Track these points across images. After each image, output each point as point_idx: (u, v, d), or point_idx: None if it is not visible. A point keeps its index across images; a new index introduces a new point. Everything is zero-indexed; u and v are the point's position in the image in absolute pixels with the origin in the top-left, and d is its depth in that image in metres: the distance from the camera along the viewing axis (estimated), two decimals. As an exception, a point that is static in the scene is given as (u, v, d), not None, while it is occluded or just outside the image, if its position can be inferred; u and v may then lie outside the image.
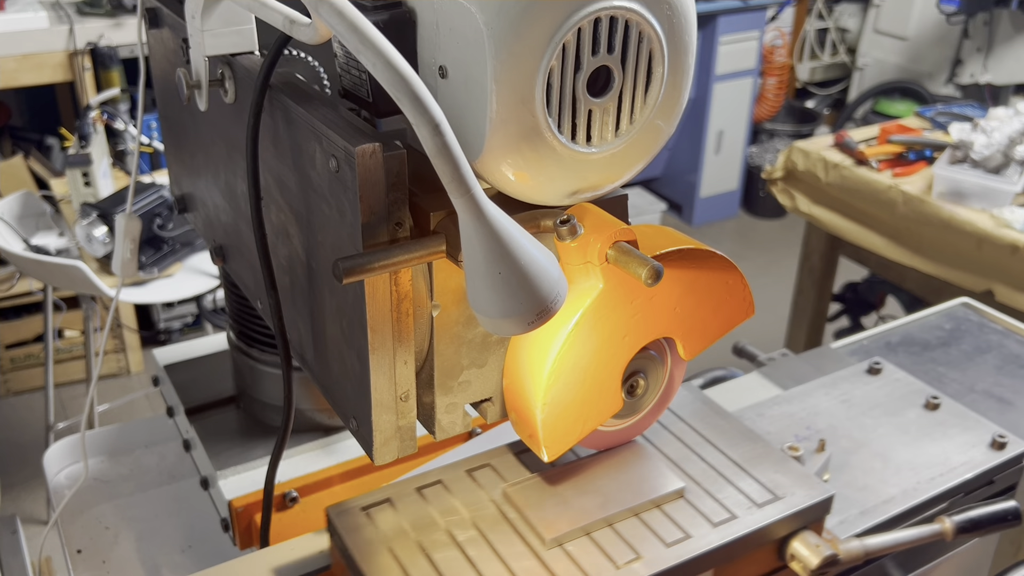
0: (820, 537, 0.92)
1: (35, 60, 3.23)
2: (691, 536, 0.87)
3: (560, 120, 0.69)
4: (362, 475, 1.17)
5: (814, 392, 1.25)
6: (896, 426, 1.17)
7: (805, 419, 1.19)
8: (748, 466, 0.96)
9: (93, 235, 2.25)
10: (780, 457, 0.98)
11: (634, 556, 0.84)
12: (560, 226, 0.73)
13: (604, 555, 0.85)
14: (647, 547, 0.85)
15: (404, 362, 0.76)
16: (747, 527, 0.88)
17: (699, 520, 0.89)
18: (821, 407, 1.21)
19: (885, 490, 1.07)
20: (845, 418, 1.19)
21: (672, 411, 1.03)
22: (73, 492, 1.32)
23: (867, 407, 1.21)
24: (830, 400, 1.23)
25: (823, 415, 1.20)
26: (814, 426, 1.17)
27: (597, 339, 0.78)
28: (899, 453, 1.13)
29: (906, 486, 1.07)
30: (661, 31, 0.69)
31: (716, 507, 0.90)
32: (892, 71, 4.95)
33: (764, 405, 1.21)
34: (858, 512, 1.04)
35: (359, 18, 0.57)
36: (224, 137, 0.94)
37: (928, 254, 2.46)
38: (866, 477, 1.09)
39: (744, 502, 0.91)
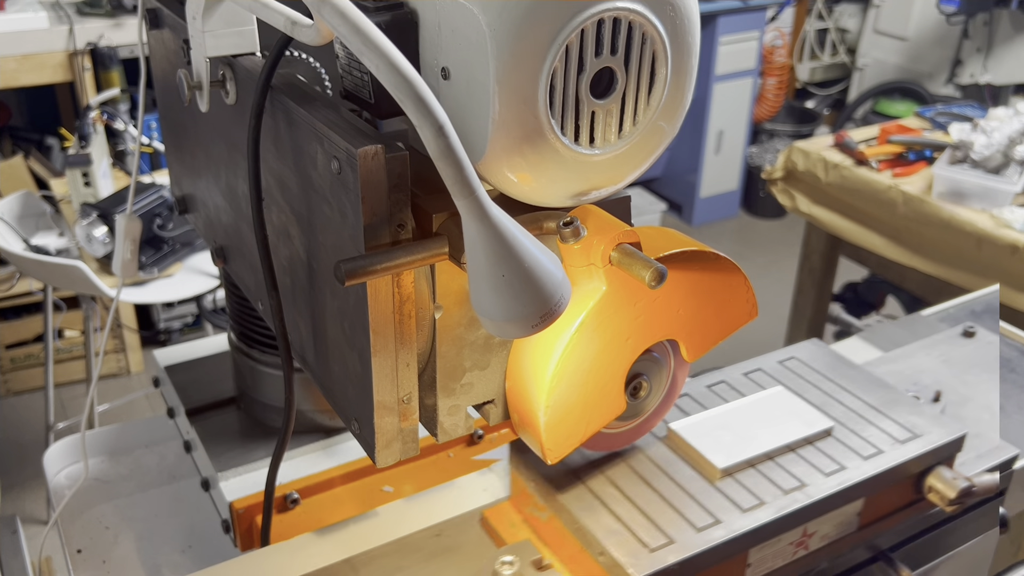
0: (954, 471, 1.01)
1: (35, 60, 3.23)
2: (845, 468, 0.96)
3: (563, 122, 0.68)
4: (364, 477, 1.16)
5: (915, 353, 1.33)
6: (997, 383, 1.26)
7: (912, 376, 1.27)
8: (884, 409, 1.05)
9: (93, 235, 2.25)
10: (911, 401, 1.07)
11: (798, 484, 0.93)
12: (563, 228, 0.73)
13: (770, 482, 0.94)
14: (808, 476, 0.94)
15: (406, 364, 0.75)
16: (893, 460, 0.97)
17: (850, 454, 0.98)
18: (924, 366, 1.30)
19: (996, 438, 1.14)
20: (949, 375, 1.27)
21: (805, 363, 1.14)
22: (73, 492, 1.32)
23: (967, 366, 1.30)
24: (932, 360, 1.31)
25: (928, 373, 1.28)
26: (921, 382, 1.26)
27: (600, 341, 0.78)
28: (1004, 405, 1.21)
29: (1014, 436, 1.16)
30: (664, 32, 0.69)
31: (863, 443, 0.99)
32: (892, 71, 4.95)
33: (871, 365, 1.29)
34: (975, 456, 1.10)
35: (362, 20, 0.57)
36: (225, 138, 0.94)
37: (928, 254, 2.46)
38: (977, 426, 1.16)
39: (887, 439, 1.00)
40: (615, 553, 0.85)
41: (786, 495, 0.92)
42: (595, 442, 0.90)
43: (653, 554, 0.85)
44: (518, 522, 0.98)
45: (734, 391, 1.09)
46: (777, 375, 1.12)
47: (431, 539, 0.98)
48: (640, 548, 0.86)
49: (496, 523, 0.98)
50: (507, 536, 0.97)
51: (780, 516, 0.90)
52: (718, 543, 0.86)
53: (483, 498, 1.06)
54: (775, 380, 1.11)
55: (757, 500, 0.91)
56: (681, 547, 0.86)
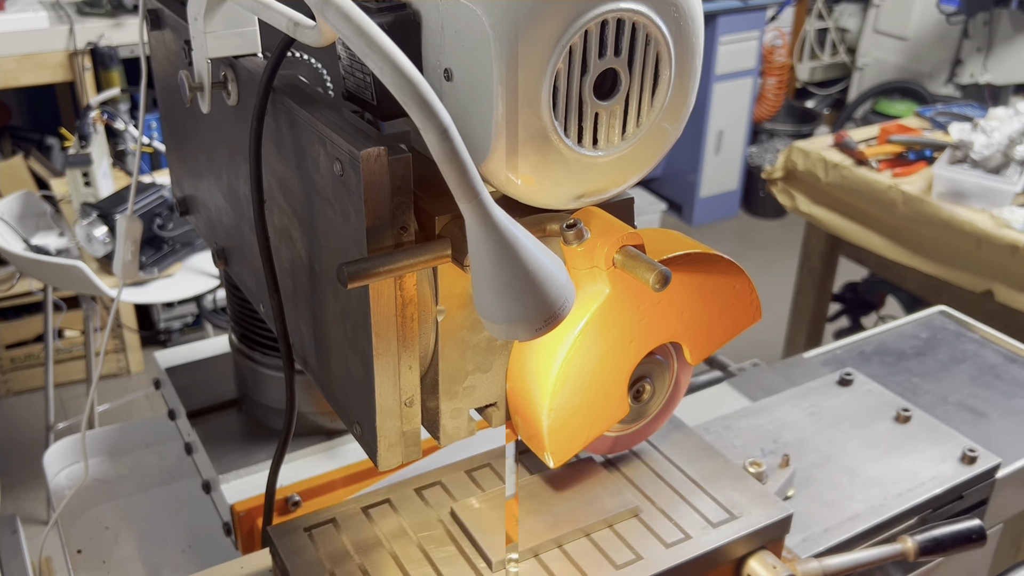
0: (778, 558, 0.90)
1: (35, 60, 3.22)
2: (643, 558, 0.86)
3: (566, 123, 0.68)
4: (365, 479, 1.16)
5: (783, 404, 1.23)
6: (865, 439, 1.15)
7: (772, 432, 1.17)
8: (705, 483, 0.94)
9: (93, 235, 2.25)
10: (739, 474, 0.96)
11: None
12: (566, 230, 0.73)
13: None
14: (597, 569, 0.84)
15: (409, 367, 0.75)
16: (701, 548, 0.86)
17: (652, 540, 0.88)
18: (789, 419, 1.19)
19: (851, 506, 1.05)
20: (813, 431, 1.17)
21: None
22: (73, 492, 1.32)
23: (836, 419, 1.19)
24: (799, 412, 1.21)
25: (791, 427, 1.18)
26: (781, 439, 1.16)
27: (603, 344, 0.78)
28: (867, 468, 1.11)
29: (873, 502, 1.06)
30: (668, 33, 0.69)
31: (670, 527, 0.89)
32: (892, 71, 4.95)
33: (732, 417, 1.20)
34: (822, 529, 1.02)
35: (366, 21, 0.57)
36: (227, 139, 0.93)
37: (928, 254, 2.46)
38: (832, 492, 1.07)
39: (700, 521, 0.90)
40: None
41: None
42: (598, 445, 0.89)
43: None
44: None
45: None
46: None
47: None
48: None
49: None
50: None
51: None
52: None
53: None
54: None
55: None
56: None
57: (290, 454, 1.17)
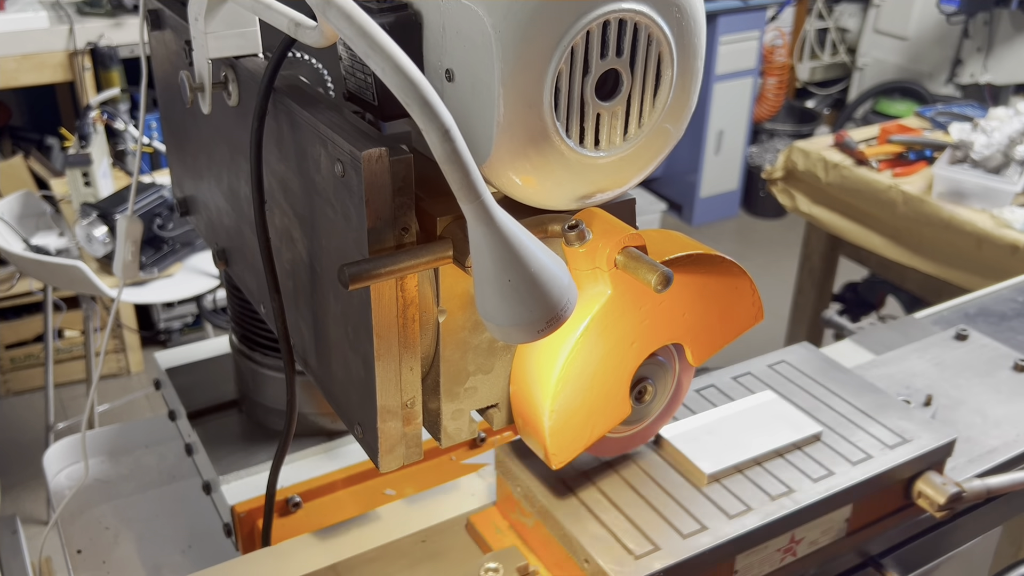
0: (944, 476, 0.99)
1: (35, 60, 3.22)
2: (834, 473, 0.94)
3: (568, 124, 0.68)
4: (366, 480, 1.16)
5: (908, 356, 1.31)
6: (989, 386, 1.23)
7: (904, 380, 1.25)
8: (874, 413, 1.03)
9: (93, 235, 2.25)
10: (901, 405, 1.05)
11: (785, 490, 0.92)
12: (568, 231, 0.72)
13: (758, 488, 0.92)
14: (796, 482, 0.93)
15: (410, 368, 0.75)
16: (882, 465, 0.95)
17: (839, 459, 0.96)
18: (917, 369, 1.28)
19: (987, 442, 1.13)
20: (941, 379, 1.25)
21: (795, 367, 1.13)
22: (73, 492, 1.32)
23: (959, 369, 1.27)
24: (924, 363, 1.29)
25: (920, 376, 1.26)
26: (913, 385, 1.24)
27: (605, 345, 0.78)
28: (995, 410, 1.19)
29: (1007, 438, 1.13)
30: (670, 34, 0.69)
31: (852, 448, 0.98)
32: (892, 71, 4.95)
33: (863, 368, 1.27)
34: (966, 460, 1.09)
35: (368, 22, 0.57)
36: (227, 140, 0.93)
37: (928, 254, 2.46)
38: (968, 430, 1.15)
39: (876, 444, 0.99)
40: (600, 560, 0.84)
41: (773, 501, 0.90)
42: (600, 446, 0.89)
43: (638, 561, 0.84)
44: (504, 528, 0.97)
45: (723, 395, 1.07)
46: (767, 379, 1.10)
47: (416, 545, 0.97)
48: (625, 555, 0.84)
49: (482, 529, 0.97)
50: (492, 542, 0.96)
51: (767, 522, 0.88)
52: (704, 550, 0.85)
53: (470, 503, 1.05)
54: (764, 384, 1.09)
55: (744, 506, 0.89)
56: (667, 554, 0.84)
57: (291, 455, 1.17)
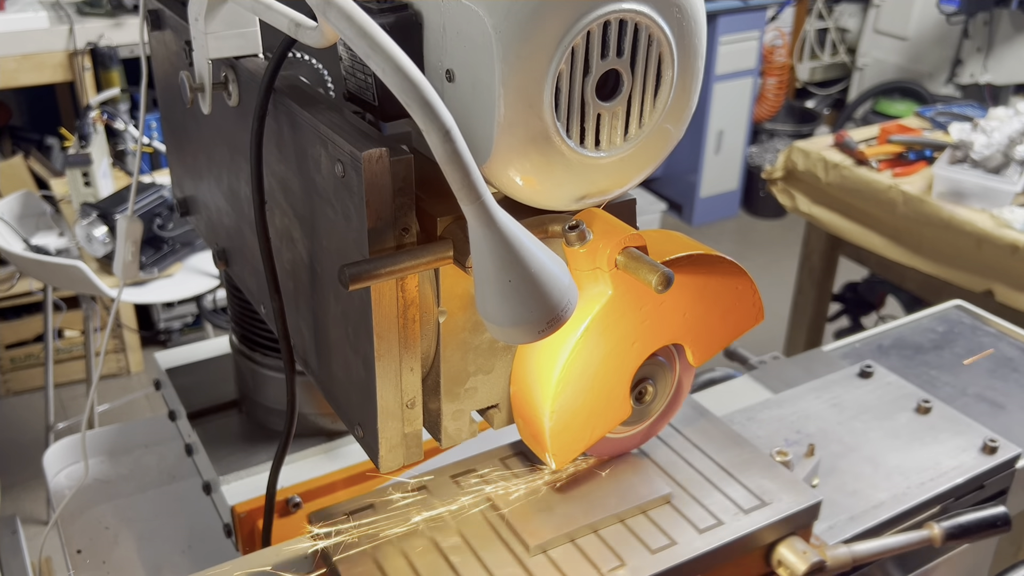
0: (807, 543, 0.92)
1: (35, 60, 3.22)
2: (677, 542, 0.86)
3: (568, 124, 0.68)
4: (366, 480, 1.16)
5: (805, 396, 1.24)
6: (887, 430, 1.16)
7: (795, 423, 1.18)
8: (736, 471, 0.96)
9: (93, 235, 2.25)
10: (768, 462, 0.97)
11: (618, 563, 0.84)
12: (569, 232, 0.72)
13: (588, 562, 0.84)
14: (632, 554, 0.85)
15: (410, 369, 0.75)
16: (733, 533, 0.88)
17: (685, 526, 0.88)
18: (811, 411, 1.21)
19: (875, 495, 1.06)
20: (836, 422, 1.18)
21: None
22: (73, 492, 1.32)
23: (858, 411, 1.20)
24: (821, 404, 1.22)
25: (813, 419, 1.19)
26: (804, 430, 1.17)
27: (606, 346, 0.78)
28: (889, 457, 1.12)
29: (896, 491, 1.07)
30: (671, 34, 0.69)
31: (703, 513, 0.90)
32: (892, 71, 4.95)
33: (754, 409, 1.21)
34: (847, 517, 1.03)
35: (368, 22, 0.57)
36: (227, 140, 0.93)
37: (928, 254, 2.46)
38: (856, 482, 1.08)
39: (731, 508, 0.91)
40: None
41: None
42: (600, 447, 0.89)
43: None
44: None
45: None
46: None
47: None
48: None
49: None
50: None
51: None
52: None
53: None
54: None
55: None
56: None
57: (291, 455, 1.17)
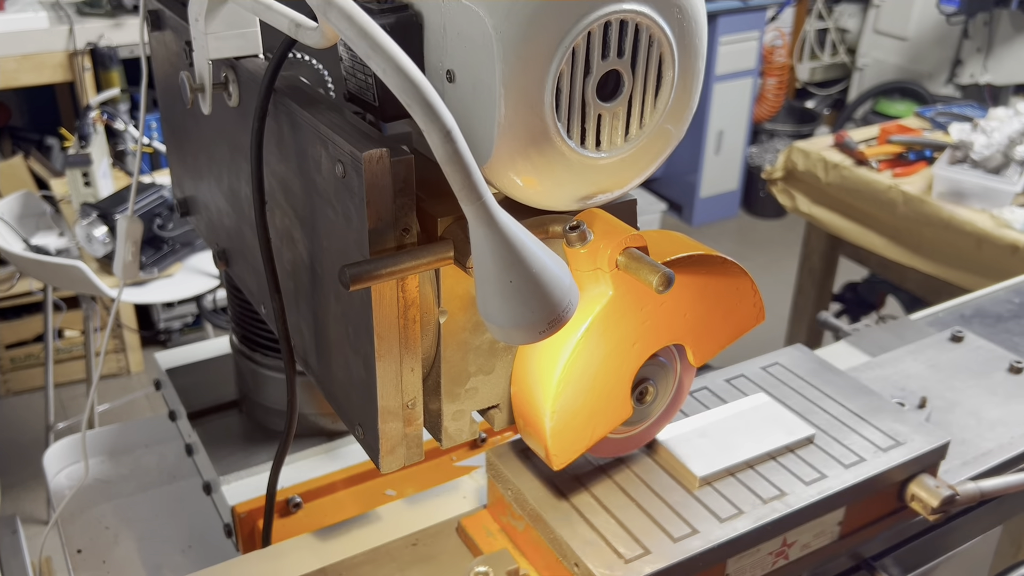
0: (937, 479, 0.99)
1: (35, 60, 3.22)
2: (826, 476, 0.94)
3: (569, 125, 0.68)
4: (366, 480, 1.16)
5: (903, 358, 1.30)
6: (984, 388, 1.23)
7: (899, 382, 1.25)
8: (867, 416, 1.03)
9: (93, 235, 2.25)
10: (895, 408, 1.04)
11: (777, 493, 0.91)
12: (569, 232, 0.72)
13: (750, 491, 0.92)
14: (788, 485, 0.92)
15: (411, 369, 0.75)
16: (875, 469, 0.95)
17: (831, 463, 0.96)
18: (911, 371, 1.27)
19: (982, 444, 1.12)
20: (936, 380, 1.25)
21: (788, 368, 1.12)
22: (73, 492, 1.32)
23: (955, 371, 1.27)
24: (919, 365, 1.28)
25: (914, 378, 1.25)
26: (908, 388, 1.23)
27: (606, 346, 0.78)
28: (990, 412, 1.18)
29: (1001, 441, 1.13)
30: (671, 35, 0.69)
31: (845, 451, 0.98)
32: (892, 71, 4.95)
33: (857, 370, 1.27)
34: (960, 463, 1.09)
35: (369, 23, 0.57)
36: (228, 140, 0.93)
37: (928, 254, 2.46)
38: (963, 432, 1.14)
39: (869, 447, 0.98)
40: (590, 564, 0.83)
41: (765, 504, 0.90)
42: (601, 447, 0.89)
43: (629, 565, 0.83)
44: (495, 531, 0.96)
45: (716, 398, 1.06)
46: (760, 381, 1.09)
47: (407, 548, 0.97)
48: (616, 559, 0.84)
49: (472, 532, 0.96)
50: (483, 546, 0.95)
51: (759, 525, 0.88)
52: (695, 553, 0.84)
53: (461, 506, 1.05)
54: (758, 387, 1.08)
55: (736, 509, 0.89)
56: (657, 557, 0.84)
57: (291, 455, 1.17)
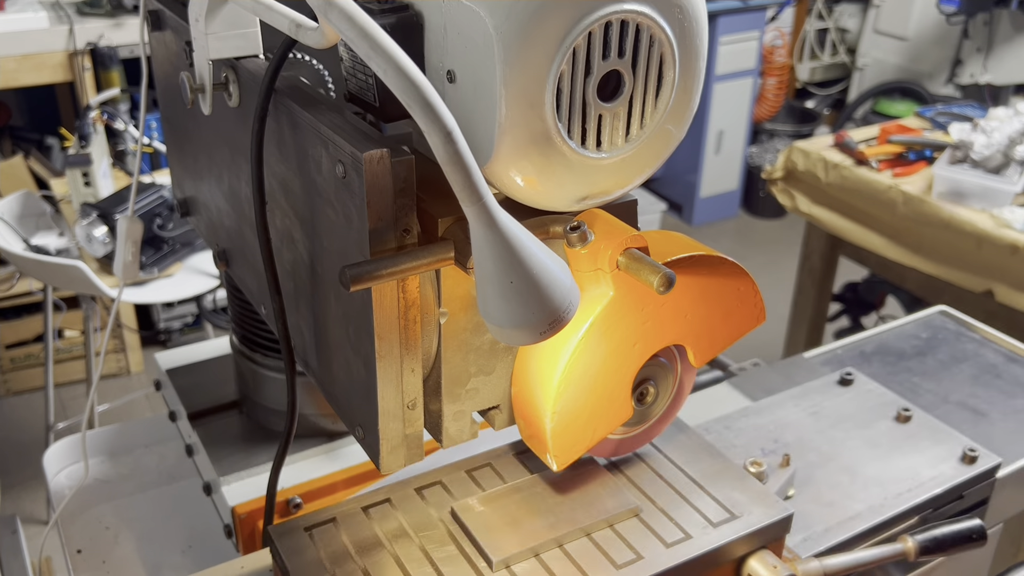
0: (779, 557, 0.90)
1: (35, 60, 3.22)
2: (643, 557, 0.85)
3: (570, 125, 0.68)
4: (366, 481, 1.16)
5: (784, 403, 1.23)
6: (865, 439, 1.16)
7: (773, 432, 1.17)
8: (706, 483, 0.94)
9: (93, 235, 2.24)
10: (739, 474, 0.96)
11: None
12: (570, 232, 0.72)
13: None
14: (598, 569, 0.84)
15: (411, 370, 0.75)
16: (702, 547, 0.86)
17: (652, 540, 0.87)
18: (790, 419, 1.20)
19: (852, 506, 1.05)
20: (814, 431, 1.17)
21: None
22: (73, 492, 1.32)
23: (837, 419, 1.19)
24: (799, 412, 1.21)
25: (791, 427, 1.18)
26: (782, 439, 1.16)
27: (607, 347, 0.78)
28: (867, 467, 1.11)
29: (873, 502, 1.06)
30: (672, 35, 0.69)
31: (671, 526, 0.89)
32: (892, 71, 4.95)
33: (732, 417, 1.20)
34: (823, 529, 1.02)
35: (369, 23, 0.57)
36: (228, 141, 0.93)
37: (928, 254, 2.46)
38: (832, 492, 1.07)
39: (700, 521, 0.89)
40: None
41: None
42: (601, 448, 0.89)
43: None
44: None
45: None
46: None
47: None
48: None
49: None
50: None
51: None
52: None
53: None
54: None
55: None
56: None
57: (291, 456, 1.17)
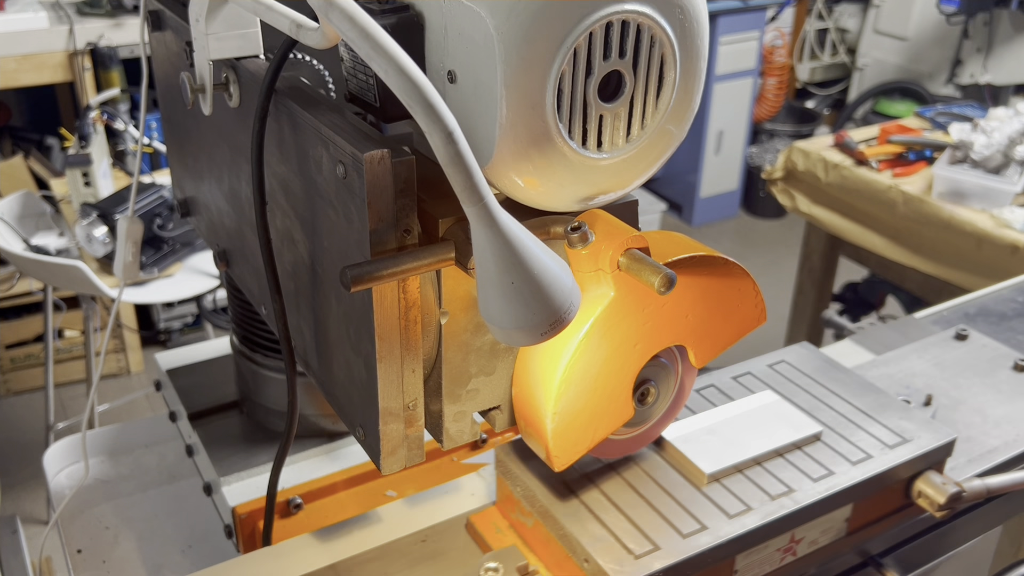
0: (944, 476, 1.00)
1: (35, 60, 3.22)
2: (833, 472, 0.95)
3: (571, 126, 0.68)
4: (367, 481, 1.16)
5: (908, 356, 1.31)
6: (988, 385, 1.23)
7: (903, 380, 1.25)
8: (874, 413, 1.04)
9: (93, 235, 2.25)
10: (901, 405, 1.05)
11: (785, 490, 0.92)
12: (571, 233, 0.72)
13: (758, 487, 0.92)
14: (796, 482, 0.93)
15: (412, 370, 0.75)
16: (882, 465, 0.96)
17: (839, 459, 0.97)
18: (916, 369, 1.28)
19: (987, 441, 1.13)
20: (941, 378, 1.25)
21: (795, 366, 1.13)
22: (73, 492, 1.32)
23: (959, 369, 1.27)
24: (923, 363, 1.29)
25: (919, 376, 1.26)
26: (912, 385, 1.24)
27: (608, 347, 0.77)
28: (995, 409, 1.19)
29: (1006, 438, 1.13)
30: (673, 35, 0.69)
31: (852, 448, 0.98)
32: (892, 71, 4.95)
33: (863, 368, 1.27)
34: (966, 460, 1.09)
35: (370, 24, 0.56)
36: (228, 141, 0.93)
37: (928, 254, 2.46)
38: (968, 430, 1.15)
39: (876, 444, 0.99)
40: (600, 560, 0.83)
41: (773, 500, 0.90)
42: (602, 448, 0.89)
43: (638, 561, 0.83)
44: (504, 528, 0.97)
45: (723, 395, 1.07)
46: (767, 379, 1.10)
47: (416, 545, 0.97)
48: (625, 555, 0.84)
49: (482, 529, 0.97)
50: (492, 542, 0.95)
51: (767, 522, 0.88)
52: (704, 549, 0.85)
53: (470, 503, 1.05)
54: (764, 384, 1.09)
55: (744, 506, 0.90)
56: (667, 553, 0.84)
57: (291, 456, 1.17)
